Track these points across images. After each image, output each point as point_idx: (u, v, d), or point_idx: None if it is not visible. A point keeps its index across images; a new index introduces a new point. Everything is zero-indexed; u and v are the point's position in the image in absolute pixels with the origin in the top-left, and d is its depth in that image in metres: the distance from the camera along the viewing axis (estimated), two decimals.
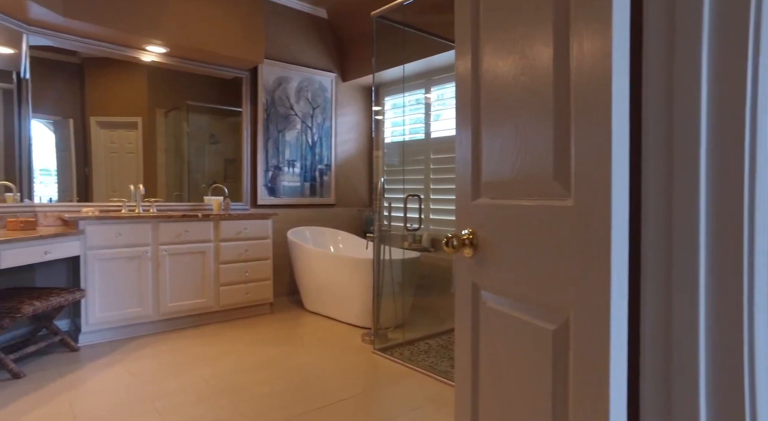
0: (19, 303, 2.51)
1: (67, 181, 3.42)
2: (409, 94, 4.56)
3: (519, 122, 0.88)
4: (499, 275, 0.92)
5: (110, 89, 3.59)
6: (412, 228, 3.44)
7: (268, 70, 4.32)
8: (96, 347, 3.00)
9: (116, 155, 3.69)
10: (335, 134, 4.82)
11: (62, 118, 3.41)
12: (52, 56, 3.32)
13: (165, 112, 3.89)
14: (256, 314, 3.84)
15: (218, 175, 4.16)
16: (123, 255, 3.11)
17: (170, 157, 3.91)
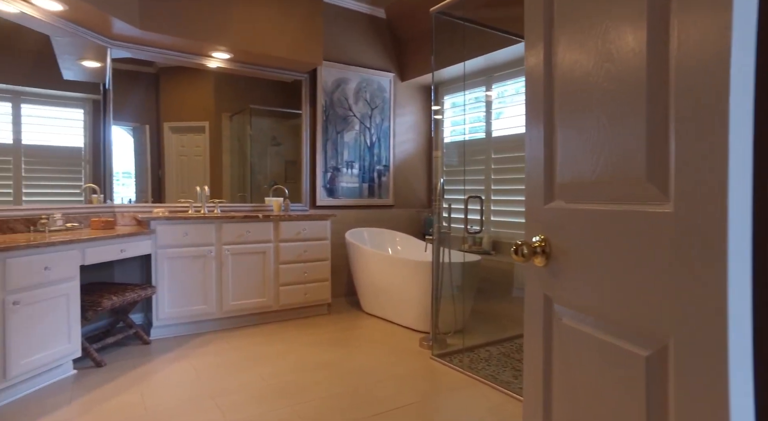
0: (99, 297, 2.67)
1: (144, 183, 3.62)
2: (469, 92, 4.42)
3: (602, 116, 0.77)
4: (577, 289, 0.81)
5: (181, 96, 3.76)
6: (473, 231, 3.32)
7: (327, 72, 4.36)
8: (165, 341, 3.14)
9: (185, 158, 3.86)
10: (393, 135, 4.78)
11: (140, 124, 3.62)
12: (132, 68, 3.53)
13: (230, 116, 4.03)
14: (314, 315, 3.88)
15: (279, 177, 4.25)
16: (189, 254, 3.24)
17: (234, 159, 4.04)
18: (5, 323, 2.17)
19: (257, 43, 3.66)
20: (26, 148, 2.88)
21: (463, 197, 4.31)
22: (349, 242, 4.00)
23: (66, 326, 2.48)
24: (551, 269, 0.89)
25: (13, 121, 2.81)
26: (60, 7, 2.83)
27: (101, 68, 3.36)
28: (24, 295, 2.24)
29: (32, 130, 2.90)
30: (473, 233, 3.33)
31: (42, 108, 2.96)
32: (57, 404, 2.23)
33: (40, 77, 2.94)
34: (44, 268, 2.34)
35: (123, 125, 3.54)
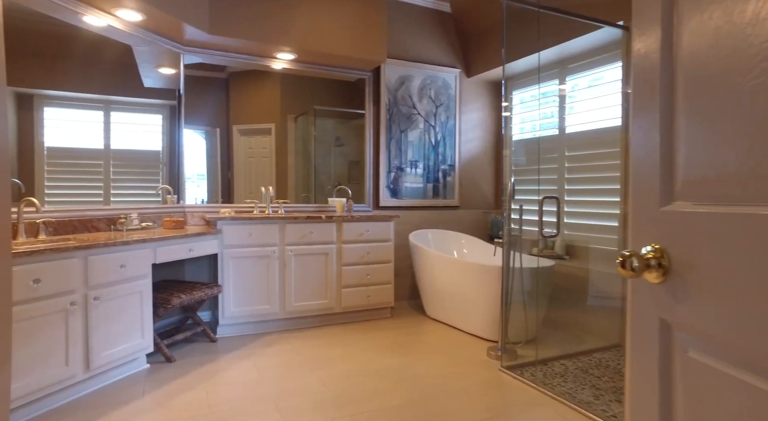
0: (169, 295, 2.75)
1: (214, 184, 3.74)
2: (542, 85, 4.14)
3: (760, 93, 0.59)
4: (713, 315, 0.63)
5: (249, 99, 3.84)
6: (549, 234, 3.07)
7: (391, 70, 4.27)
8: (230, 340, 3.19)
9: (253, 160, 3.93)
10: (459, 133, 4.60)
11: (211, 128, 3.74)
12: (205, 74, 3.65)
13: (295, 118, 4.06)
14: (377, 318, 3.79)
15: (343, 177, 4.22)
16: (253, 254, 3.27)
17: (299, 160, 4.06)
18: (88, 316, 2.27)
19: (321, 43, 3.64)
20: (114, 152, 3.05)
21: (533, 198, 4.05)
22: (412, 244, 3.88)
23: (139, 322, 2.57)
24: (670, 288, 0.71)
25: (104, 128, 2.99)
26: (139, 17, 2.95)
27: (176, 75, 3.49)
28: (103, 291, 2.34)
29: (119, 136, 3.07)
30: (549, 236, 3.09)
31: (127, 115, 3.13)
32: (131, 396, 2.30)
33: (125, 86, 3.11)
34: (120, 265, 2.43)
35: (196, 129, 3.66)
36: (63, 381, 2.17)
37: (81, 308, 2.24)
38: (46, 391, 2.10)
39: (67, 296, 2.17)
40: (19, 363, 1.98)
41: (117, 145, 3.05)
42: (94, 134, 2.92)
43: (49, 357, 2.10)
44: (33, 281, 2.02)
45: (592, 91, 3.64)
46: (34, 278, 2.02)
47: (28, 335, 2.02)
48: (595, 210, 3.48)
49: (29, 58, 2.57)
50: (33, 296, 2.02)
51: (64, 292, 2.16)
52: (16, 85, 2.53)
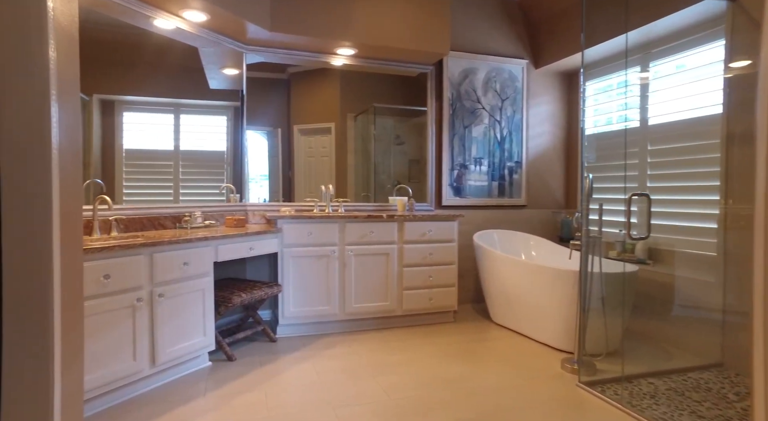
0: (230, 294, 2.75)
1: (275, 184, 3.75)
2: (617, 74, 3.78)
3: None
4: None
5: (309, 99, 3.82)
6: (638, 237, 2.77)
7: (454, 63, 4.08)
8: (290, 340, 3.15)
9: (313, 159, 3.91)
10: (526, 127, 4.32)
11: (273, 128, 3.76)
12: (266, 75, 3.67)
13: (354, 116, 3.99)
14: (439, 322, 3.62)
15: (402, 176, 4.10)
16: (313, 254, 3.21)
17: (358, 158, 3.98)
18: (153, 313, 2.29)
19: (382, 36, 3.53)
20: (183, 153, 3.13)
21: (607, 196, 3.70)
22: (477, 245, 3.67)
23: (202, 320, 2.58)
24: None
25: (174, 130, 3.08)
26: (204, 17, 2.98)
27: (239, 75, 3.52)
28: (167, 288, 2.36)
29: (187, 137, 3.15)
30: (638, 238, 2.78)
31: (195, 117, 3.20)
32: (193, 394, 2.30)
33: (193, 89, 3.19)
34: (183, 263, 2.44)
35: (259, 130, 3.69)
36: (131, 376, 2.20)
37: (147, 304, 2.27)
38: (115, 384, 2.14)
39: (134, 292, 2.20)
40: (91, 356, 2.02)
41: (185, 147, 3.13)
42: (165, 136, 3.02)
43: (118, 352, 2.13)
44: (103, 276, 2.05)
45: (682, 76, 3.25)
46: (104, 274, 2.06)
47: (98, 329, 2.05)
48: (686, 210, 3.09)
49: (110, 67, 2.71)
50: (103, 291, 2.06)
51: (131, 288, 2.19)
52: (100, 92, 2.67)
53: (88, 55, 2.57)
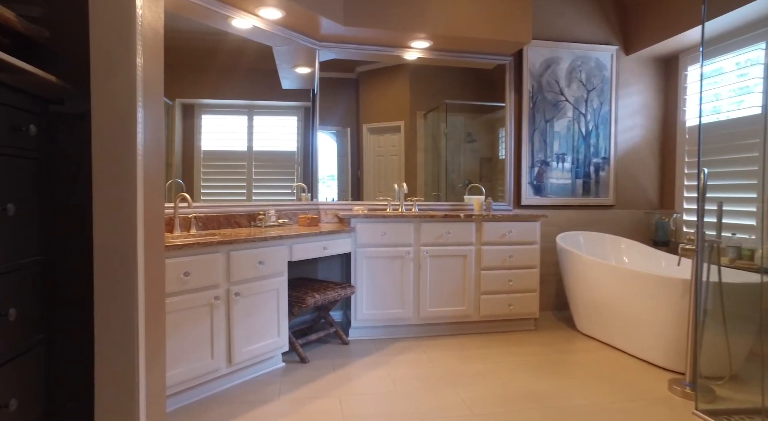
0: (304, 294, 2.68)
1: (344, 184, 3.68)
2: (732, 54, 3.32)
3: None
4: None
5: (378, 98, 3.73)
6: None
7: (534, 52, 3.80)
8: (362, 344, 3.04)
9: (382, 158, 3.81)
10: (615, 120, 3.94)
11: (342, 128, 3.70)
12: (336, 75, 3.62)
13: (424, 114, 3.84)
14: (519, 330, 3.37)
15: (474, 175, 3.89)
16: (387, 254, 3.09)
17: (428, 157, 3.83)
18: (230, 312, 2.27)
19: (458, 26, 3.34)
20: (255, 153, 3.15)
21: (716, 195, 3.26)
22: (561, 248, 3.37)
23: (276, 320, 2.53)
24: None
25: (247, 131, 3.10)
26: (279, 15, 2.96)
27: (311, 73, 3.49)
28: (243, 287, 2.33)
29: (259, 138, 3.17)
30: None
31: (267, 118, 3.21)
32: (268, 396, 2.24)
33: (265, 91, 3.21)
34: (259, 262, 2.40)
35: (327, 130, 3.64)
36: (208, 374, 2.18)
37: (223, 303, 2.24)
38: (193, 382, 2.12)
39: (212, 290, 2.18)
40: (170, 353, 2.02)
41: (258, 147, 3.15)
42: (239, 137, 3.05)
43: (196, 350, 2.12)
44: (183, 274, 2.04)
45: None
46: (184, 271, 2.05)
47: (178, 326, 2.05)
48: None
49: (191, 73, 2.79)
50: (183, 288, 2.05)
51: (209, 286, 2.17)
52: (182, 97, 2.75)
53: (170, 62, 2.67)
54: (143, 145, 1.49)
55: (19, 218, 1.34)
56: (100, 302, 1.43)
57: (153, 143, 1.57)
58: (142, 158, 1.48)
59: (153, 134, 1.57)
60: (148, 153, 1.54)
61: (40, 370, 1.48)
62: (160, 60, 1.63)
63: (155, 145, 1.59)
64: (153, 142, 1.57)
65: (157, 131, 1.59)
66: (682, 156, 3.82)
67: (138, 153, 1.45)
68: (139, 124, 1.44)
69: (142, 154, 1.48)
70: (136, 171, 1.44)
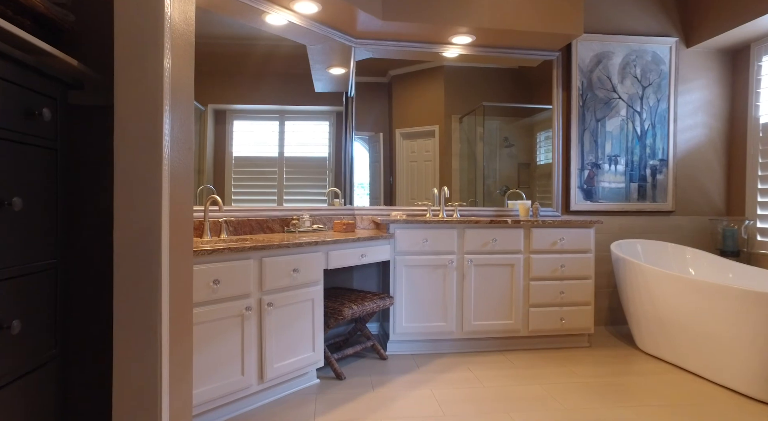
0: (340, 305, 2.48)
1: (376, 190, 3.50)
2: None
3: None
4: None
5: (412, 102, 3.56)
6: None
7: (584, 47, 3.54)
8: (402, 359, 2.82)
9: (415, 164, 3.63)
10: (674, 119, 3.62)
11: (374, 133, 3.53)
12: (368, 80, 3.47)
13: (459, 118, 3.63)
14: (571, 346, 3.07)
15: (511, 181, 3.64)
16: (428, 263, 2.86)
17: (464, 162, 3.61)
18: (262, 324, 2.09)
19: (504, 19, 3.12)
20: (287, 159, 3.03)
21: None
22: (618, 258, 3.07)
23: (311, 333, 2.33)
24: None
25: (279, 137, 2.98)
26: (315, 8, 2.81)
27: (345, 75, 3.33)
28: (276, 297, 2.14)
29: (291, 144, 3.04)
30: None
31: (298, 123, 3.09)
32: (302, 418, 2.04)
33: (297, 95, 3.09)
34: (293, 270, 2.22)
35: (359, 136, 3.49)
36: (238, 391, 2.00)
37: (255, 313, 2.06)
38: (222, 400, 1.94)
39: (243, 300, 2.01)
40: (199, 369, 1.84)
41: (289, 153, 3.02)
42: (270, 143, 2.94)
43: (226, 365, 1.94)
44: (213, 281, 1.88)
45: None
46: (214, 279, 1.88)
47: (206, 339, 1.87)
48: None
49: (223, 78, 2.72)
50: (213, 297, 1.88)
51: (240, 295, 2.00)
52: (215, 102, 2.68)
53: (204, 68, 2.62)
54: (170, 143, 1.34)
55: (28, 214, 1.18)
56: (120, 312, 1.27)
57: (181, 142, 1.42)
58: (168, 157, 1.32)
59: (182, 133, 1.42)
60: (176, 153, 1.38)
61: (51, 391, 1.32)
62: (191, 61, 1.48)
63: (184, 145, 1.44)
64: (182, 141, 1.42)
65: (186, 130, 1.44)
66: (754, 157, 3.46)
67: (164, 152, 1.30)
68: (165, 120, 1.29)
69: (168, 153, 1.33)
70: (162, 170, 1.29)
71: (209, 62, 2.65)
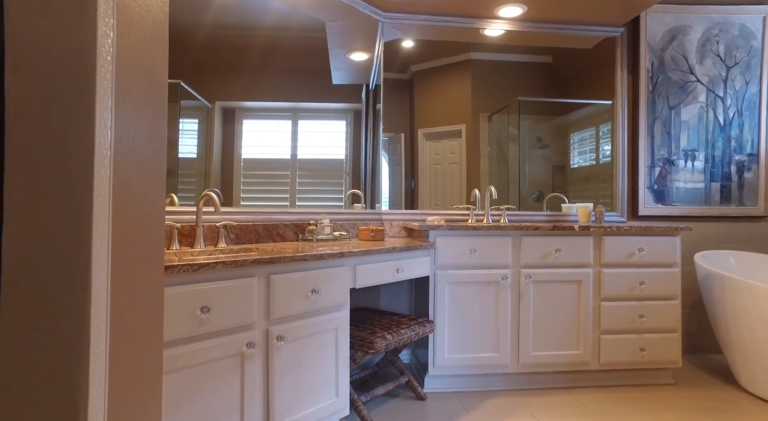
0: (370, 334, 1.94)
1: (396, 196, 3.01)
2: None
3: None
4: None
5: (436, 99, 3.10)
6: None
7: (655, 20, 2.97)
8: (444, 399, 2.26)
9: (439, 167, 3.15)
10: (766, 105, 3.02)
11: (394, 134, 3.07)
12: (386, 75, 3.01)
13: (488, 116, 3.13)
14: (653, 384, 2.48)
15: (545, 185, 3.11)
16: (476, 279, 2.31)
17: (493, 165, 3.09)
18: (269, 364, 1.56)
19: None
20: (300, 161, 2.64)
21: None
22: (711, 273, 2.48)
23: (334, 373, 1.80)
24: None
25: (291, 136, 2.59)
26: None
27: (368, 62, 2.84)
28: (288, 327, 1.62)
29: (304, 144, 2.65)
30: None
31: (313, 123, 2.68)
32: None
33: (313, 91, 2.70)
34: (311, 290, 1.69)
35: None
36: None
37: (261, 351, 1.54)
38: None
39: (244, 332, 1.48)
40: None
41: (302, 155, 2.60)
42: (282, 143, 2.54)
43: None
44: (201, 309, 1.36)
45: None
46: (202, 306, 1.36)
47: (190, 391, 1.35)
48: None
49: (232, 73, 2.37)
50: (200, 331, 1.36)
51: (240, 327, 1.47)
52: (223, 99, 2.33)
53: (210, 62, 2.27)
54: (114, 120, 0.84)
55: None
56: (7, 362, 0.76)
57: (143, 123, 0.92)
58: (110, 144, 0.81)
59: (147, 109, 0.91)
60: (131, 133, 0.88)
61: None
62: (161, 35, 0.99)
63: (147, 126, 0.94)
64: (144, 121, 0.92)
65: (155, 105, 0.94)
66: None
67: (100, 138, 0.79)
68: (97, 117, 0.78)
69: (111, 140, 0.82)
70: (94, 153, 0.78)
71: (217, 55, 2.30)
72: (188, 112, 2.18)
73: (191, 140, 2.17)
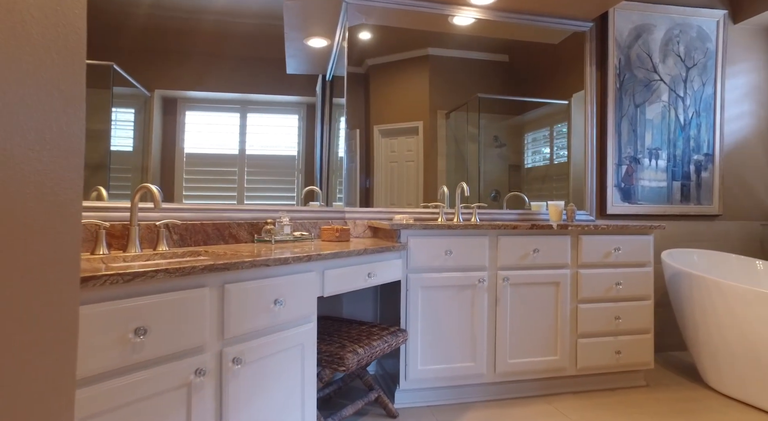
0: (339, 348, 1.70)
1: (351, 193, 2.80)
2: None
3: None
4: None
5: (392, 95, 2.92)
6: None
7: (622, 17, 2.94)
8: (417, 415, 2.06)
9: (395, 165, 2.98)
10: (721, 107, 3.08)
11: (350, 129, 2.86)
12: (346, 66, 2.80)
13: (446, 114, 3.01)
14: (626, 386, 2.41)
15: (501, 185, 3.03)
16: (452, 282, 2.13)
17: (451, 163, 2.98)
18: (223, 394, 1.28)
19: None
20: (249, 157, 2.36)
21: None
22: (679, 271, 2.45)
23: (299, 396, 1.54)
24: None
25: (239, 130, 2.34)
26: None
27: (326, 50, 2.59)
28: (246, 347, 1.34)
29: (254, 139, 2.38)
30: None
31: (263, 116, 2.43)
32: None
33: (262, 83, 2.42)
34: (274, 301, 1.42)
35: None
36: None
37: (213, 379, 1.25)
38: None
39: (192, 357, 1.20)
40: None
41: (252, 150, 2.35)
42: (230, 138, 2.27)
43: None
44: (135, 330, 1.06)
45: None
46: (137, 326, 1.07)
47: None
48: None
49: (174, 59, 2.12)
50: (133, 360, 1.06)
51: (186, 351, 1.19)
52: (163, 88, 2.09)
53: (151, 46, 2.03)
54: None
55: None
56: None
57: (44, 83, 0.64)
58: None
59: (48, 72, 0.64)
60: None
61: None
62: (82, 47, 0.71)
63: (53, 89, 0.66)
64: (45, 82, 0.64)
65: None
66: None
67: None
68: None
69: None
70: None
71: (158, 39, 2.04)
72: (123, 101, 1.88)
73: (126, 132, 1.90)
